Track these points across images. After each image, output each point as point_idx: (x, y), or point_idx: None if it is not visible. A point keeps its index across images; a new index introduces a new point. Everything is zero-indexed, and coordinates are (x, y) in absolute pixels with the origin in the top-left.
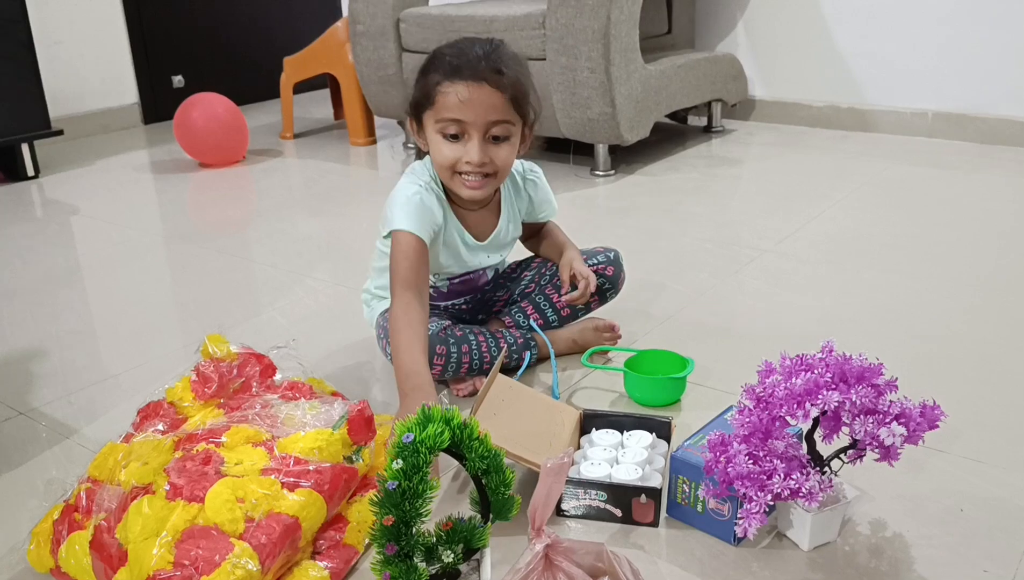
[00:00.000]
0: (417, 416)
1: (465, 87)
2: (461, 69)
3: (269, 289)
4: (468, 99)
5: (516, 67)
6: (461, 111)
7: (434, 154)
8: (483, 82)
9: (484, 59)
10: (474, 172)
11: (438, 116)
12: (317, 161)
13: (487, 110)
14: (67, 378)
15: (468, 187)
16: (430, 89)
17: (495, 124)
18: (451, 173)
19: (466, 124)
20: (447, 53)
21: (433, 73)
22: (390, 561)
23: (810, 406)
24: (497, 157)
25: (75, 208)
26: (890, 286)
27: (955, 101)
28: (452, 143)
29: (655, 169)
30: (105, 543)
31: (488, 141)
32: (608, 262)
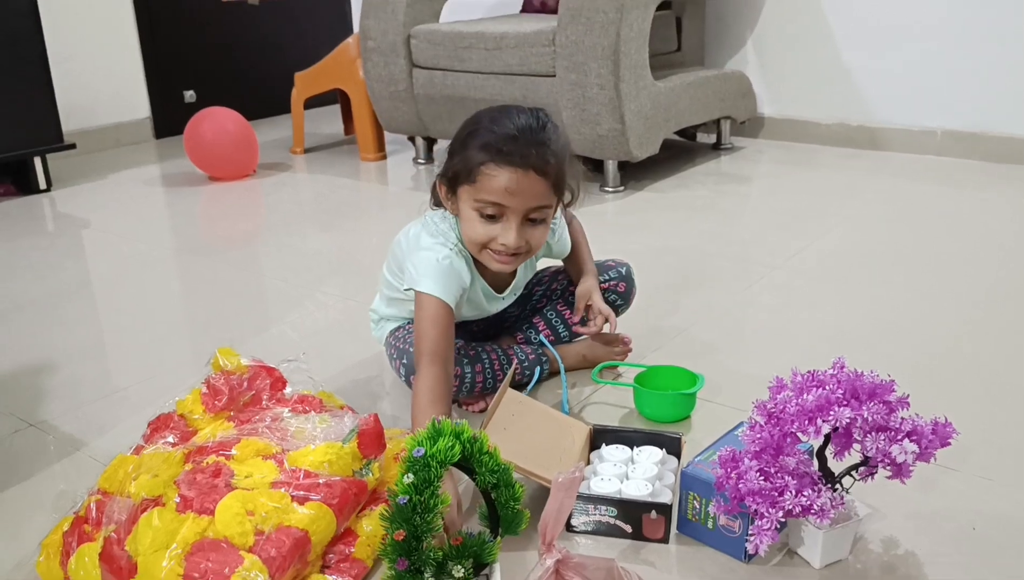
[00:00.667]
0: (427, 430)
1: (512, 174)
2: (510, 155)
3: (279, 303)
4: (513, 187)
5: (560, 148)
6: (503, 197)
7: (467, 229)
8: (530, 170)
9: (533, 145)
10: (507, 252)
11: (477, 195)
12: (327, 176)
13: (530, 197)
14: (77, 391)
15: (498, 262)
16: (472, 167)
17: (534, 210)
18: (481, 248)
19: (507, 209)
20: (494, 130)
21: (477, 150)
22: (401, 576)
23: (822, 422)
24: (532, 238)
25: (86, 221)
26: (899, 303)
27: (964, 120)
28: (488, 222)
29: (664, 186)
30: (115, 555)
31: (525, 223)
32: (620, 278)
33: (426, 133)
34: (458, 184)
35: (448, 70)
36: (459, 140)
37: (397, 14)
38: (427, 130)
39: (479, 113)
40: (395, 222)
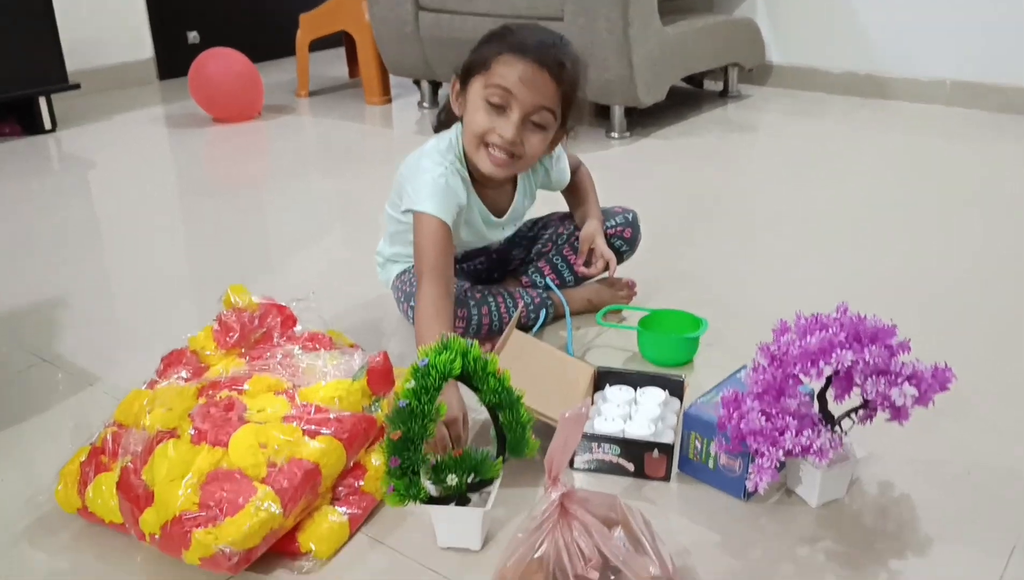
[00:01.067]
0: (437, 344)
1: (527, 65)
2: (529, 48)
3: (285, 246)
4: (527, 78)
5: (575, 63)
6: (515, 85)
7: (470, 118)
8: (545, 68)
9: (552, 47)
10: (502, 148)
11: (489, 81)
12: (332, 120)
13: (538, 94)
14: (88, 327)
15: (492, 161)
16: (490, 56)
17: (539, 109)
18: (479, 143)
19: (513, 98)
20: (517, 30)
21: (499, 43)
22: (392, 473)
23: (824, 365)
24: (528, 142)
25: (92, 162)
26: (905, 253)
27: (974, 70)
28: (492, 113)
29: (670, 133)
30: (132, 484)
31: (526, 124)
32: (626, 224)
33: (432, 76)
34: (472, 75)
35: (455, 12)
36: (483, 39)
37: None
38: (433, 73)
39: (507, 24)
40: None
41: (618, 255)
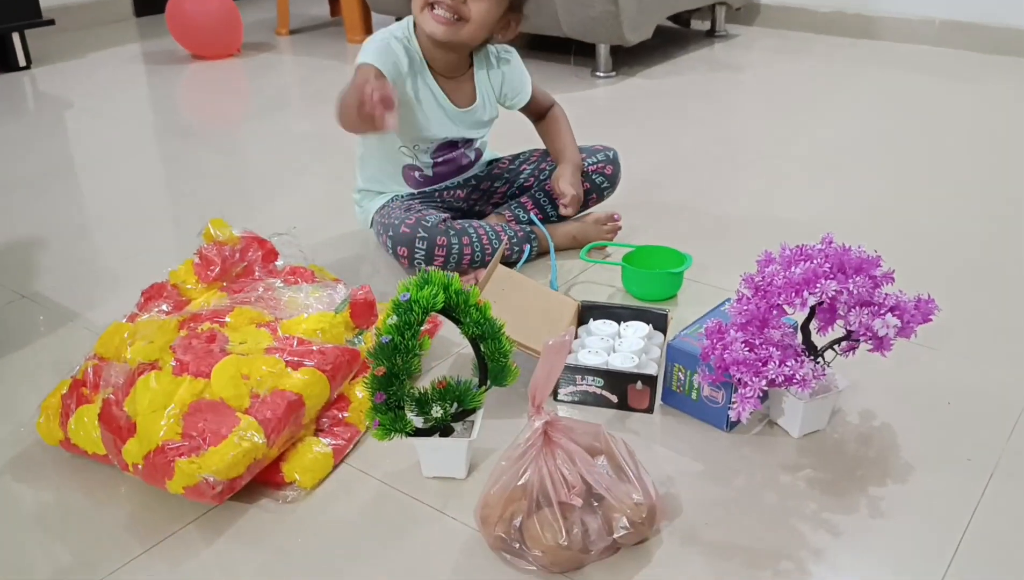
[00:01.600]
0: (417, 278)
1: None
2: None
3: (265, 184)
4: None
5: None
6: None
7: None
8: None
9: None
10: (446, 5)
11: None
12: (312, 58)
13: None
14: (68, 266)
15: (435, 20)
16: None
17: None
18: (423, 4)
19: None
20: None
21: None
22: (378, 408)
23: (808, 294)
24: (471, 6)
25: (68, 101)
26: (889, 191)
27: (964, 9)
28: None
29: (657, 72)
30: (114, 415)
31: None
32: (607, 161)
33: None
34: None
35: None
36: None
37: None
38: None
39: None
40: None
41: (599, 192)
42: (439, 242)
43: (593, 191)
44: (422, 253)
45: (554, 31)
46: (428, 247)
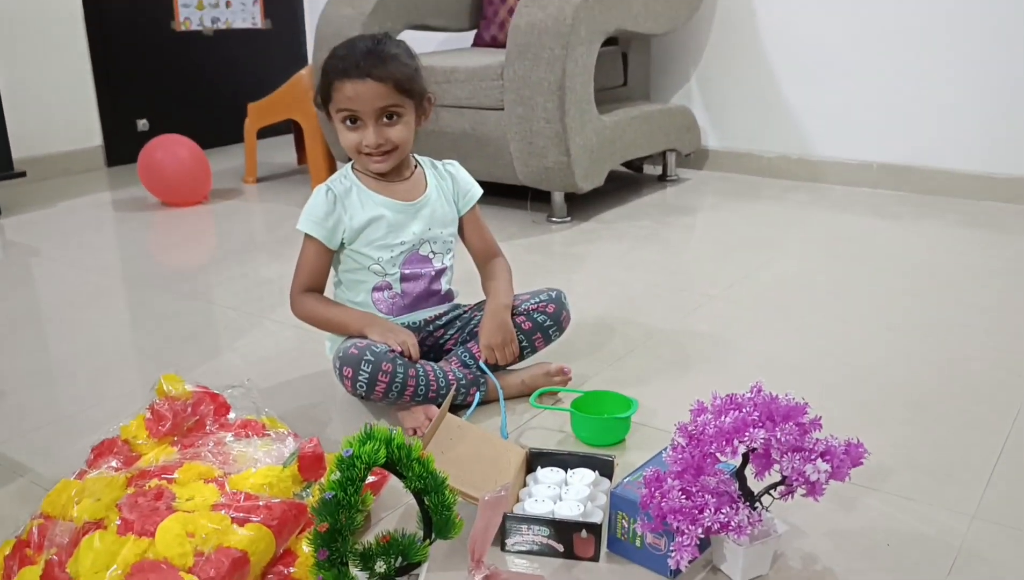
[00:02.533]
0: (359, 433)
1: (352, 84)
2: (348, 69)
3: (228, 332)
4: (356, 94)
5: (397, 57)
6: (352, 103)
7: (342, 140)
8: (367, 78)
9: (366, 56)
10: (374, 151)
11: (337, 108)
12: (279, 205)
13: (374, 99)
14: (23, 418)
15: (373, 162)
16: (328, 87)
17: (384, 109)
18: (357, 153)
19: (358, 113)
20: (337, 54)
21: (328, 73)
22: (321, 566)
23: (738, 443)
24: (392, 135)
25: (36, 249)
26: (832, 332)
27: (898, 154)
28: (353, 129)
29: (610, 216)
30: (56, 577)
31: (381, 124)
32: (550, 300)
33: None
34: (326, 108)
35: None
36: (320, 71)
37: None
38: None
39: (334, 47)
40: None
41: (543, 331)
42: (384, 368)
43: (536, 330)
44: (365, 375)
45: (511, 180)
46: (372, 371)
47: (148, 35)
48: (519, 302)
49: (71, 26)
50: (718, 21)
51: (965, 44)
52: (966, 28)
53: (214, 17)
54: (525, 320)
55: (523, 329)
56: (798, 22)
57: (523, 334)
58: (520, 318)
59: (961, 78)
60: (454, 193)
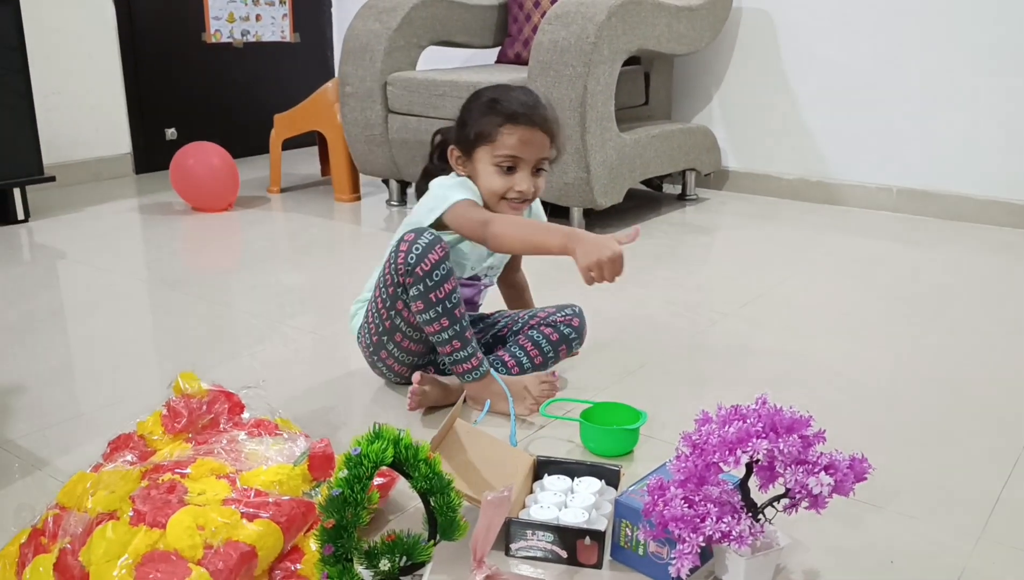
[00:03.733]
0: (368, 433)
1: (524, 130)
2: (521, 116)
3: (247, 336)
4: (527, 140)
5: (554, 113)
6: (520, 150)
7: (486, 182)
8: (537, 127)
9: (536, 107)
10: (520, 198)
11: (497, 152)
12: (302, 214)
13: (538, 149)
14: (43, 413)
15: (512, 209)
16: (492, 128)
17: (541, 160)
18: (498, 198)
19: (520, 160)
20: (503, 99)
21: (496, 115)
22: (327, 561)
23: (741, 453)
24: (539, 186)
25: (63, 252)
26: (844, 352)
27: (919, 179)
28: (505, 174)
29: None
30: (68, 565)
31: (533, 173)
32: (575, 314)
33: (399, 176)
34: (476, 146)
35: (422, 116)
36: (474, 112)
37: (375, 61)
38: (400, 173)
39: (481, 91)
40: (365, 261)
41: (567, 342)
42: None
43: (563, 342)
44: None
45: None
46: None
47: (179, 46)
48: (545, 314)
49: (104, 36)
50: (740, 43)
51: (987, 70)
52: (988, 54)
53: (244, 30)
54: (552, 331)
55: (551, 340)
56: (820, 46)
57: (550, 345)
58: (548, 329)
59: (983, 104)
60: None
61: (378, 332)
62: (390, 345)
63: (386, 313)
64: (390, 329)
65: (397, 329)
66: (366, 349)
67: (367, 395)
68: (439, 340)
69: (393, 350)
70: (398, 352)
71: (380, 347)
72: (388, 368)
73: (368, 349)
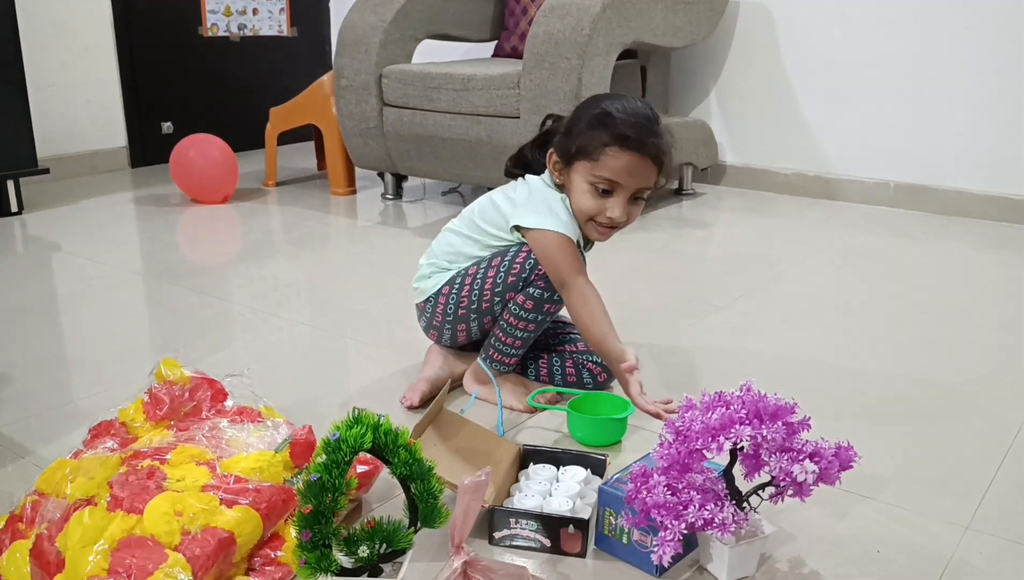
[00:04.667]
0: (347, 418)
1: (632, 158)
2: (633, 141)
3: (237, 327)
4: (631, 168)
5: (668, 141)
6: (622, 176)
7: (578, 201)
8: (647, 157)
9: (652, 136)
10: (610, 224)
11: (596, 172)
12: (297, 208)
13: (642, 179)
14: (28, 402)
15: (599, 234)
16: (596, 146)
17: (643, 189)
18: (587, 218)
19: (620, 186)
20: (616, 116)
21: (604, 132)
22: (305, 547)
23: (724, 439)
24: (632, 214)
25: (56, 245)
26: (837, 345)
27: (916, 173)
28: (600, 197)
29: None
30: (45, 551)
31: (630, 201)
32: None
33: (395, 169)
34: (576, 159)
35: (417, 109)
36: (583, 121)
37: (371, 54)
38: (396, 167)
39: (598, 98)
40: (360, 254)
41: (582, 386)
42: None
43: (577, 385)
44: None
45: None
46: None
47: (175, 40)
48: (582, 347)
49: (100, 29)
50: (738, 37)
51: (985, 65)
52: (987, 49)
53: (241, 24)
54: (573, 373)
55: (567, 380)
56: (818, 40)
57: (563, 383)
58: (569, 367)
59: (980, 98)
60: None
61: (468, 307)
62: (474, 323)
63: (490, 295)
64: (484, 310)
65: (491, 312)
66: (443, 314)
67: (357, 386)
68: (511, 333)
69: (474, 328)
70: (477, 330)
71: (463, 320)
72: (454, 337)
73: (447, 316)
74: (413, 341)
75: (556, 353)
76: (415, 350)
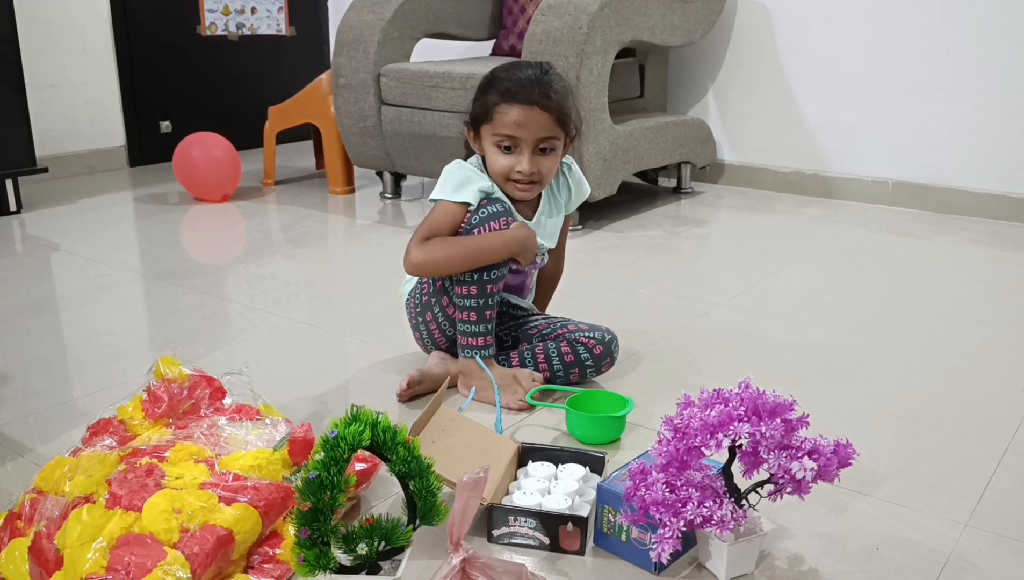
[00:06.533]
0: (346, 415)
1: (519, 110)
2: (516, 93)
3: (235, 325)
4: (521, 120)
5: (562, 90)
6: (515, 129)
7: (490, 162)
8: (535, 105)
9: (536, 84)
10: (524, 179)
11: (495, 131)
12: (295, 207)
13: (536, 129)
14: (28, 400)
15: (520, 190)
16: (489, 107)
17: (543, 140)
18: (504, 179)
19: (518, 140)
20: (503, 77)
21: (492, 94)
22: (303, 544)
23: (723, 436)
24: (543, 166)
25: (55, 244)
26: (834, 342)
27: (914, 171)
28: (506, 154)
29: (622, 226)
30: (43, 548)
31: (536, 153)
32: (600, 342)
33: (393, 168)
34: (480, 124)
35: (415, 108)
36: (479, 89)
37: (369, 53)
38: (394, 165)
39: (494, 68)
40: (359, 253)
41: (581, 367)
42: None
43: (575, 366)
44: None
45: None
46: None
47: (174, 39)
48: (575, 328)
49: (98, 28)
50: (736, 36)
51: (983, 63)
52: (984, 47)
53: (239, 23)
54: (570, 352)
55: (564, 360)
56: (816, 39)
57: (562, 364)
58: (567, 346)
59: (978, 97)
60: (567, 198)
61: (428, 293)
62: (436, 308)
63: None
64: (440, 289)
65: (446, 291)
66: (413, 309)
67: (355, 384)
68: (461, 305)
69: (438, 314)
70: (442, 318)
71: (427, 309)
72: (429, 334)
73: (415, 309)
74: (411, 339)
75: (551, 340)
76: (413, 348)
